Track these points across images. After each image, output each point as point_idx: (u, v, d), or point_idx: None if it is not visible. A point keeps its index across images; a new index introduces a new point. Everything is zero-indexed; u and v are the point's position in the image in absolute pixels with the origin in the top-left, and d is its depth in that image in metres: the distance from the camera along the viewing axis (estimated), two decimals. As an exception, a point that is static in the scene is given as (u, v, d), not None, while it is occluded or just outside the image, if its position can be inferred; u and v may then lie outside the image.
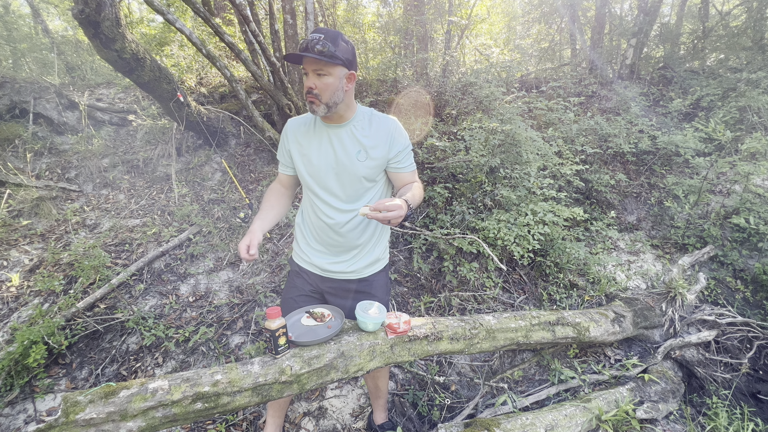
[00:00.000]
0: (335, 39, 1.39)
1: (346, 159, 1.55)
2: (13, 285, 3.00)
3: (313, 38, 1.38)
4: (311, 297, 1.78)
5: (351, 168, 1.55)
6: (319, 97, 1.43)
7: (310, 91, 1.43)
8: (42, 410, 2.25)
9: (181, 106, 3.90)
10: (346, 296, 1.74)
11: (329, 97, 1.44)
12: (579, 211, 3.19)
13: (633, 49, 6.15)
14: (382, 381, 2.04)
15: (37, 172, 4.20)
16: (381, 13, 7.82)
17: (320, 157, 1.58)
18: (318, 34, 1.39)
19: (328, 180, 1.59)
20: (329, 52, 1.37)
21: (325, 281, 1.73)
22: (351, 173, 1.56)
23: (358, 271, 1.70)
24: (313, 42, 1.37)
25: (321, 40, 1.38)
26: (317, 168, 1.59)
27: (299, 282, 1.78)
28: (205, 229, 3.70)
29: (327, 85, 1.41)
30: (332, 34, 1.40)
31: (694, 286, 3.33)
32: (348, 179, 1.57)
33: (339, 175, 1.57)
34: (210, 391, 1.33)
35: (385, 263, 1.80)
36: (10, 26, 6.74)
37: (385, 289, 1.80)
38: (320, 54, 1.36)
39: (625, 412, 2.21)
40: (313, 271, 1.74)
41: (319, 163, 1.58)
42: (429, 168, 4.15)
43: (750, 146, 3.73)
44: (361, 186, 1.59)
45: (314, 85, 1.42)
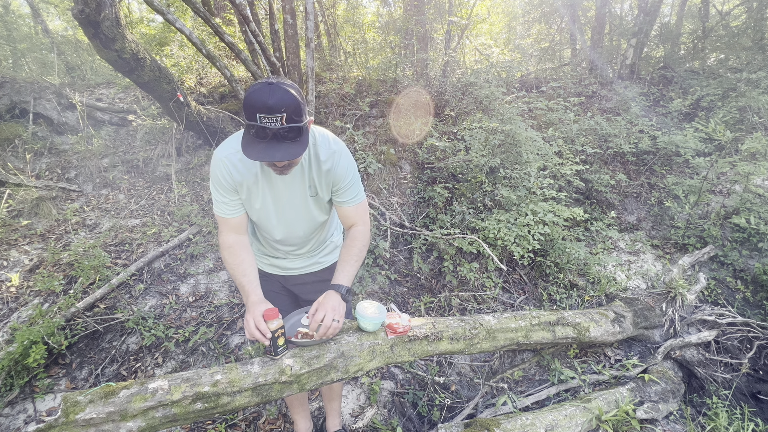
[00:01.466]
0: (297, 107, 1.11)
1: (297, 197, 1.43)
2: (13, 285, 3.00)
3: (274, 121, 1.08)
4: (284, 296, 1.76)
5: (304, 206, 1.46)
6: (292, 165, 1.27)
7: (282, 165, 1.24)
8: (42, 410, 2.25)
9: (181, 106, 3.90)
10: (313, 288, 1.71)
11: (300, 159, 1.32)
12: (579, 211, 3.19)
13: (633, 49, 6.15)
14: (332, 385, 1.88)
15: (37, 172, 4.20)
16: (381, 13, 7.82)
17: (267, 197, 1.41)
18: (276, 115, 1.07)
19: (280, 219, 1.47)
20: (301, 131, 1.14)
21: (289, 279, 1.72)
22: (304, 211, 1.47)
23: (320, 262, 1.71)
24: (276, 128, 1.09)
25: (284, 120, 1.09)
26: (265, 209, 1.44)
27: (266, 286, 1.67)
28: (205, 229, 3.70)
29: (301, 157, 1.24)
30: (290, 102, 1.09)
31: (694, 286, 3.33)
32: (300, 218, 1.49)
33: (289, 217, 1.47)
34: (210, 391, 1.33)
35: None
36: (10, 26, 6.74)
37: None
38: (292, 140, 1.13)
39: (625, 412, 2.21)
40: (275, 273, 1.70)
41: (266, 204, 1.43)
42: (429, 168, 4.15)
43: (750, 146, 3.73)
44: (315, 222, 1.53)
45: (287, 164, 1.24)
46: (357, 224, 1.53)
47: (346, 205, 1.49)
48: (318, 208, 1.50)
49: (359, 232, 1.52)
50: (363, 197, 1.52)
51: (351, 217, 1.52)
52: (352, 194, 1.47)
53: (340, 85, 4.91)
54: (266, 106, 1.07)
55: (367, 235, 1.53)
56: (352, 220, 1.52)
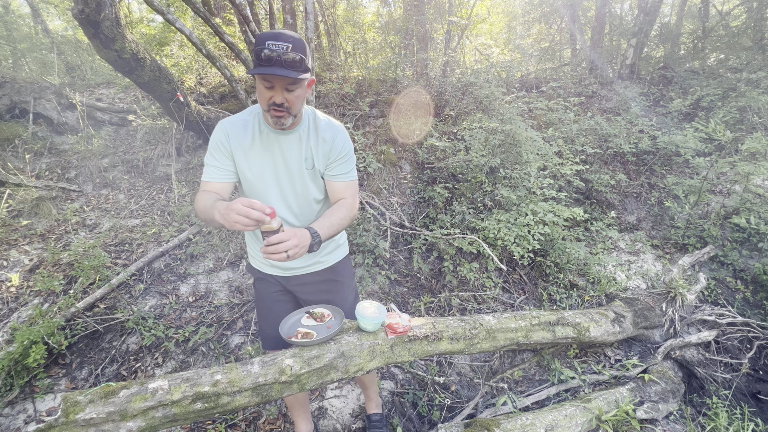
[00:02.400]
0: (302, 46, 1.22)
1: (296, 168, 1.44)
2: (13, 285, 3.00)
3: (280, 48, 1.19)
4: (284, 300, 1.73)
5: (300, 178, 1.46)
6: (290, 110, 1.30)
7: (279, 106, 1.28)
8: (42, 410, 2.25)
9: (181, 106, 3.90)
10: (314, 288, 1.70)
11: (298, 108, 1.33)
12: (579, 211, 3.19)
13: (633, 49, 6.15)
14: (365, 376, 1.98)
15: (37, 172, 4.20)
16: (381, 13, 7.82)
17: (264, 164, 1.43)
18: (284, 43, 1.20)
19: (272, 189, 1.47)
20: (302, 64, 1.22)
21: (290, 279, 1.68)
22: (300, 184, 1.48)
23: (321, 262, 1.67)
24: (281, 54, 1.19)
25: (290, 50, 1.20)
26: (262, 177, 1.46)
27: (266, 288, 1.71)
28: (205, 229, 3.70)
29: (297, 98, 1.29)
30: (297, 39, 1.22)
31: (694, 286, 3.33)
32: (297, 191, 1.49)
33: (288, 188, 1.48)
34: (210, 391, 1.33)
35: (346, 250, 1.77)
36: (10, 26, 6.74)
37: (350, 274, 1.78)
38: (294, 68, 1.21)
39: (625, 412, 2.21)
40: (276, 273, 1.68)
41: (263, 171, 1.45)
42: (429, 168, 4.15)
43: (750, 146, 3.73)
44: (312, 199, 1.52)
45: (284, 100, 1.27)
46: (346, 198, 1.49)
47: (338, 179, 1.48)
48: (313, 182, 1.49)
49: (347, 202, 1.48)
50: (355, 177, 1.52)
51: (340, 192, 1.49)
52: (345, 169, 1.48)
53: (340, 85, 4.91)
54: (275, 34, 1.21)
55: (354, 209, 1.49)
56: (341, 195, 1.50)
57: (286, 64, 1.20)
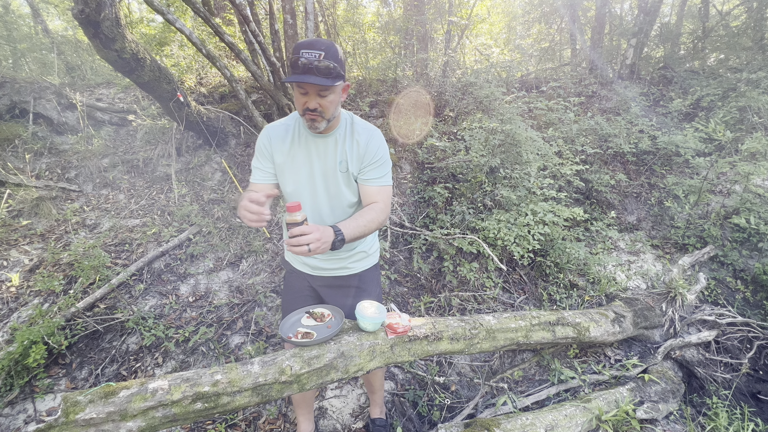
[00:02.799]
0: (335, 52, 1.27)
1: (331, 170, 1.49)
2: (13, 285, 3.00)
3: (313, 56, 1.24)
4: (308, 296, 1.79)
5: (334, 181, 1.50)
6: (323, 114, 1.35)
7: (313, 111, 1.34)
8: (42, 410, 2.25)
9: (181, 106, 3.90)
10: (338, 292, 1.74)
11: (332, 113, 1.37)
12: (579, 211, 3.19)
13: (633, 49, 6.15)
14: (374, 378, 2.05)
15: (37, 172, 4.20)
16: (381, 13, 7.82)
17: (301, 167, 1.50)
18: (316, 51, 1.25)
19: (306, 192, 1.53)
20: (335, 71, 1.27)
21: (317, 279, 1.74)
22: (334, 186, 1.51)
23: (347, 267, 1.71)
24: (314, 61, 1.24)
25: (322, 58, 1.24)
26: (298, 180, 1.52)
27: (294, 281, 1.79)
28: (205, 229, 3.70)
29: (331, 103, 1.34)
30: (330, 46, 1.27)
31: (694, 286, 3.33)
32: (331, 193, 1.53)
33: (322, 189, 1.52)
34: (210, 391, 1.33)
35: (375, 260, 1.79)
36: (10, 26, 6.74)
37: (375, 284, 1.80)
38: (327, 76, 1.26)
39: (625, 412, 2.21)
40: (305, 270, 1.74)
41: (300, 174, 1.51)
42: (429, 168, 4.15)
43: (750, 146, 3.73)
44: (345, 201, 1.55)
45: (318, 105, 1.32)
46: (378, 202, 1.51)
47: (371, 183, 1.50)
48: (347, 186, 1.52)
49: (377, 206, 1.49)
50: (388, 182, 1.53)
51: (372, 196, 1.51)
52: (379, 173, 1.50)
53: (340, 85, 4.90)
54: (309, 43, 1.26)
55: (384, 213, 1.50)
56: (373, 199, 1.51)
57: (318, 71, 1.25)
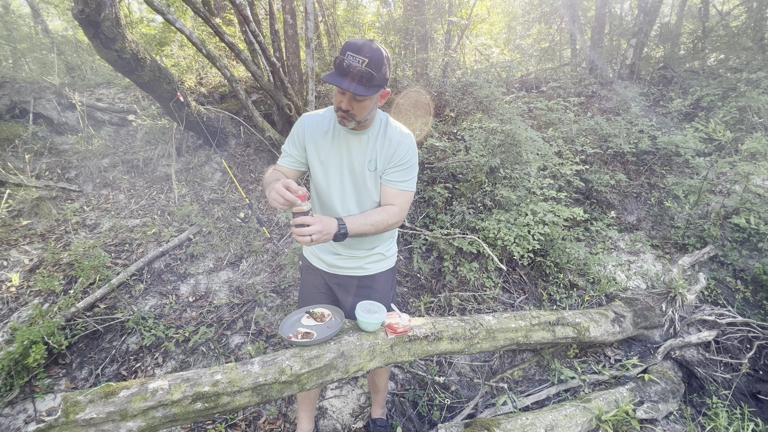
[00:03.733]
0: (379, 62, 1.24)
1: (359, 167, 1.50)
2: (13, 285, 3.00)
3: (356, 61, 1.22)
4: (323, 292, 1.81)
5: (361, 177, 1.51)
6: (353, 116, 1.35)
7: (345, 111, 1.33)
8: (42, 410, 2.25)
9: (181, 106, 3.90)
10: (351, 292, 1.76)
11: (364, 116, 1.37)
12: (579, 211, 3.19)
13: (633, 49, 6.15)
14: (379, 379, 2.06)
15: (37, 172, 4.20)
16: (381, 13, 7.82)
17: (332, 160, 1.51)
18: (361, 57, 1.21)
19: (334, 186, 1.54)
20: (375, 82, 1.25)
21: (332, 277, 1.76)
22: (361, 183, 1.52)
23: (364, 268, 1.72)
24: (356, 68, 1.22)
25: (364, 66, 1.22)
26: (328, 173, 1.53)
27: (311, 277, 1.82)
28: (205, 229, 3.70)
29: (364, 108, 1.34)
30: (377, 55, 1.23)
31: (694, 286, 3.33)
32: (358, 189, 1.54)
33: (350, 183, 1.53)
34: (210, 391, 1.33)
35: (392, 263, 1.79)
36: (10, 26, 6.73)
37: (388, 287, 1.80)
38: (365, 85, 1.24)
39: (625, 412, 2.21)
40: (321, 267, 1.76)
41: (330, 167, 1.52)
42: (429, 168, 4.15)
43: (750, 146, 3.73)
44: (371, 199, 1.56)
45: (350, 108, 1.32)
46: (394, 205, 1.52)
47: (391, 185, 1.50)
48: (374, 184, 1.53)
49: (391, 209, 1.50)
50: (410, 188, 1.52)
51: (391, 198, 1.51)
52: (402, 177, 1.49)
53: (340, 85, 4.90)
54: (357, 46, 1.24)
55: (396, 217, 1.51)
56: (390, 201, 1.52)
57: (356, 77, 1.24)
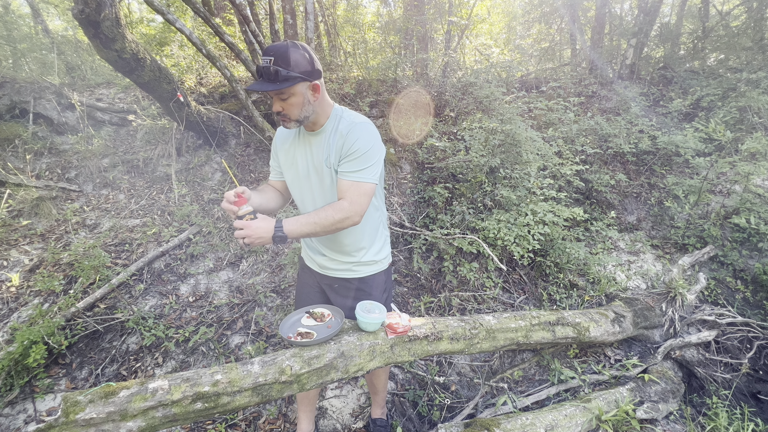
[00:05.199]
0: (285, 57, 1.32)
1: (320, 167, 1.51)
2: (13, 285, 3.00)
3: (264, 63, 1.32)
4: (317, 292, 1.84)
5: (324, 176, 1.51)
6: (287, 116, 1.41)
7: (279, 113, 1.41)
8: (42, 410, 2.25)
9: (181, 106, 3.90)
10: (342, 294, 1.75)
11: (298, 114, 1.41)
12: (579, 211, 3.19)
13: (633, 49, 6.15)
14: (378, 379, 2.06)
15: (37, 172, 4.20)
16: (381, 13, 7.83)
17: (298, 164, 1.57)
18: (267, 57, 1.32)
19: (305, 189, 1.59)
20: (282, 76, 1.32)
21: (323, 278, 1.77)
22: (325, 181, 1.52)
23: (352, 270, 1.69)
24: (264, 68, 1.32)
25: (270, 64, 1.31)
26: (295, 177, 1.60)
27: (306, 277, 1.86)
28: (205, 229, 3.70)
29: (292, 105, 1.38)
30: (281, 51, 1.32)
31: (694, 286, 3.33)
32: (324, 189, 1.54)
33: (317, 185, 1.55)
34: (210, 391, 1.33)
35: (383, 266, 1.76)
36: (10, 26, 6.73)
37: (382, 289, 1.77)
38: (273, 81, 1.32)
39: (625, 412, 2.21)
40: (313, 267, 1.79)
41: (297, 171, 1.58)
42: (429, 168, 4.15)
43: (750, 146, 3.73)
44: (329, 195, 1.54)
45: (281, 108, 1.39)
46: (344, 199, 1.44)
47: (343, 177, 1.45)
48: (334, 182, 1.51)
49: (339, 204, 1.42)
50: (364, 179, 1.44)
51: (342, 191, 1.45)
52: (353, 167, 1.43)
53: (340, 86, 4.91)
54: (267, 48, 1.35)
55: (345, 211, 1.41)
56: (341, 195, 1.45)
57: (267, 77, 1.33)
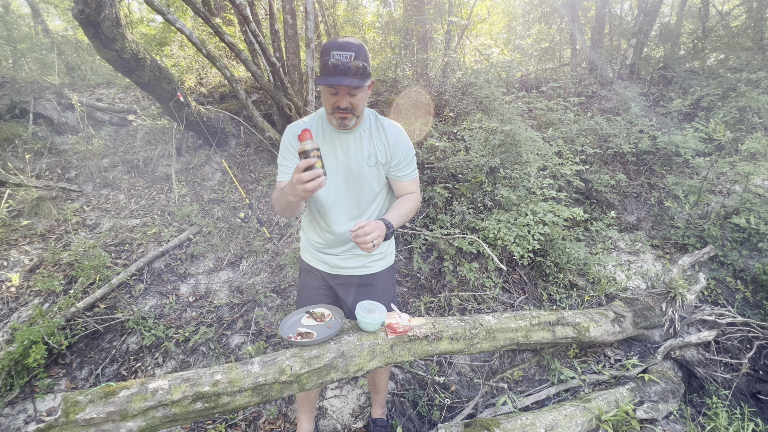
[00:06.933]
0: (364, 53, 1.31)
1: (356, 165, 1.53)
2: (13, 285, 3.00)
3: (345, 57, 1.27)
4: (323, 294, 1.83)
5: (360, 175, 1.54)
6: (354, 111, 1.40)
7: (344, 110, 1.38)
8: (42, 410, 2.25)
9: (181, 106, 3.90)
10: (355, 291, 1.77)
11: (362, 110, 1.43)
12: (579, 211, 3.19)
13: (633, 49, 6.15)
14: (379, 378, 2.07)
15: (37, 172, 4.20)
16: (381, 13, 7.83)
17: (328, 164, 1.54)
18: (347, 53, 1.27)
19: (338, 188, 1.57)
20: (365, 71, 1.31)
21: (335, 278, 1.77)
22: (360, 180, 1.55)
23: (367, 267, 1.74)
24: (346, 63, 1.27)
25: (353, 59, 1.27)
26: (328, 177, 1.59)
27: (311, 279, 1.83)
28: (205, 229, 3.70)
29: (361, 100, 1.39)
30: (358, 46, 1.30)
31: (694, 286, 3.33)
32: (357, 186, 1.57)
33: (349, 183, 1.56)
34: (210, 391, 1.33)
35: (391, 261, 1.82)
36: (10, 26, 6.73)
37: (389, 284, 1.82)
38: (361, 77, 1.30)
39: (625, 412, 2.21)
40: (322, 268, 1.77)
41: (327, 170, 1.55)
42: (429, 168, 4.15)
43: (750, 146, 3.73)
44: (371, 192, 1.60)
45: (349, 104, 1.37)
46: (413, 192, 1.65)
47: (405, 179, 1.61)
48: (375, 177, 1.58)
49: (414, 196, 1.64)
50: (417, 174, 1.66)
51: (408, 188, 1.64)
52: (410, 168, 1.61)
53: (340, 85, 4.90)
54: (340, 44, 1.29)
55: (419, 201, 1.67)
56: (408, 191, 1.65)
57: (350, 72, 1.28)
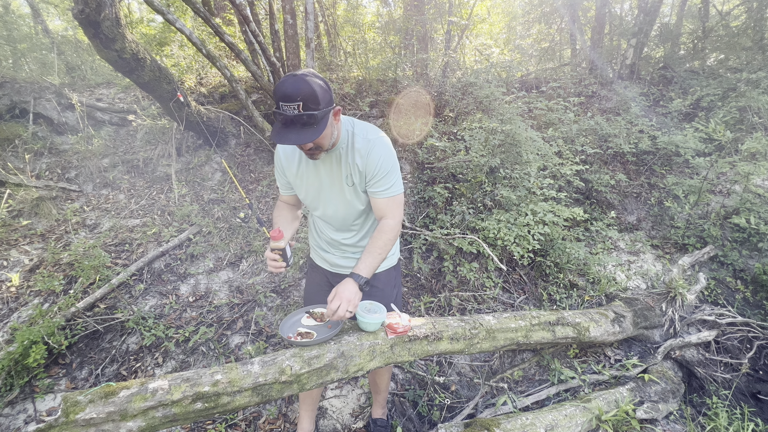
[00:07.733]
0: (313, 97, 1.20)
1: (336, 185, 1.52)
2: (13, 285, 3.00)
3: (290, 110, 1.20)
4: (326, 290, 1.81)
5: (341, 194, 1.54)
6: (320, 148, 1.36)
7: (310, 149, 1.35)
8: (42, 410, 2.25)
9: (181, 106, 3.90)
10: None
11: (328, 144, 1.38)
12: (579, 211, 3.19)
13: (633, 49, 6.15)
14: (381, 378, 2.07)
15: (37, 172, 4.20)
16: (381, 13, 7.83)
17: (310, 184, 1.56)
18: (292, 104, 1.18)
19: (320, 206, 1.61)
20: (318, 118, 1.22)
21: (335, 277, 1.80)
22: (342, 199, 1.55)
23: None
24: (291, 116, 1.21)
25: (300, 109, 1.19)
26: (309, 194, 1.60)
27: (316, 276, 1.88)
28: (205, 229, 3.70)
29: (324, 138, 1.33)
30: (306, 91, 1.18)
31: (694, 286, 3.33)
32: (338, 205, 1.58)
33: (329, 202, 1.58)
34: (210, 391, 1.33)
35: (393, 262, 1.82)
36: (10, 26, 6.73)
37: (391, 285, 1.82)
38: (311, 126, 1.23)
39: (625, 412, 2.21)
40: (324, 266, 1.82)
41: (309, 190, 1.58)
42: (429, 168, 4.15)
43: (750, 146, 3.73)
44: (355, 211, 1.60)
45: (312, 145, 1.32)
46: (386, 217, 1.53)
47: (377, 196, 1.51)
48: (355, 197, 1.55)
49: (387, 225, 1.52)
50: (397, 191, 1.52)
51: (381, 209, 1.54)
52: (383, 186, 1.49)
53: (341, 86, 4.91)
54: (285, 94, 1.20)
55: (396, 229, 1.53)
56: (381, 213, 1.54)
57: (298, 125, 1.23)
